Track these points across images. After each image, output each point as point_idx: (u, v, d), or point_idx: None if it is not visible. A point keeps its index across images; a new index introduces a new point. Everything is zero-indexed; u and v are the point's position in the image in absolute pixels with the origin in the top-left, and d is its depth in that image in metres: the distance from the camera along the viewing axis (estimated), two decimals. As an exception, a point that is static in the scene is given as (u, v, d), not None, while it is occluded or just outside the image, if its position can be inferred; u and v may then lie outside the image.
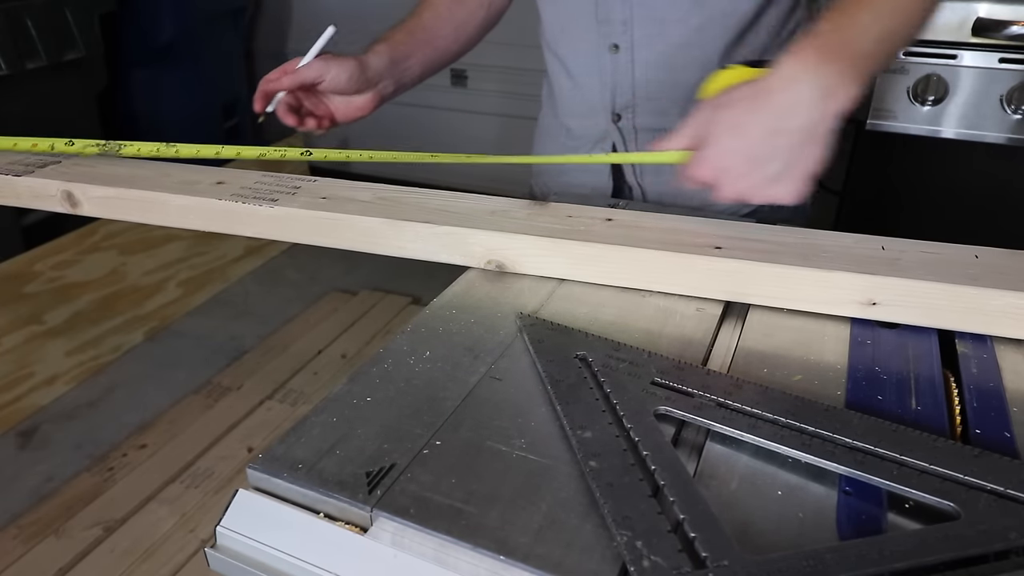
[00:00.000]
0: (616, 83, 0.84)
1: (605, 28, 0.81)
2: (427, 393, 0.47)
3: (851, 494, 0.40)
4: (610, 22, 0.81)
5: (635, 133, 0.86)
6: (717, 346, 0.53)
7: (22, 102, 1.89)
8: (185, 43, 2.33)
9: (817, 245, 0.57)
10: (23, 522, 1.48)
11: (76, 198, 0.71)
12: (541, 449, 0.42)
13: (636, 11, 0.79)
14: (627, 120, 0.86)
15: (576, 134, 0.91)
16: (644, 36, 0.80)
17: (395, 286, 2.32)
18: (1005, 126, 1.41)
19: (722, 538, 0.35)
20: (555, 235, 0.59)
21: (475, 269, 0.62)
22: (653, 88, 0.83)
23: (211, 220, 0.67)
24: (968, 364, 0.50)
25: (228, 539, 0.40)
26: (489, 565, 0.36)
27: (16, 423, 1.75)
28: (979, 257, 0.55)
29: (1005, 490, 0.38)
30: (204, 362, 1.98)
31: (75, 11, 1.99)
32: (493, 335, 0.53)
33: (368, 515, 0.38)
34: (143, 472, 1.61)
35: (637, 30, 0.80)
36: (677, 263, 0.57)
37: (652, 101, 0.84)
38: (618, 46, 0.81)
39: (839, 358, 0.51)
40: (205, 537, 1.44)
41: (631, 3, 0.79)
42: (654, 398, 0.45)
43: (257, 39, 2.92)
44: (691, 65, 0.80)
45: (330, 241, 0.64)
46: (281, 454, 0.41)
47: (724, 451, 0.43)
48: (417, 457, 0.41)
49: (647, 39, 0.80)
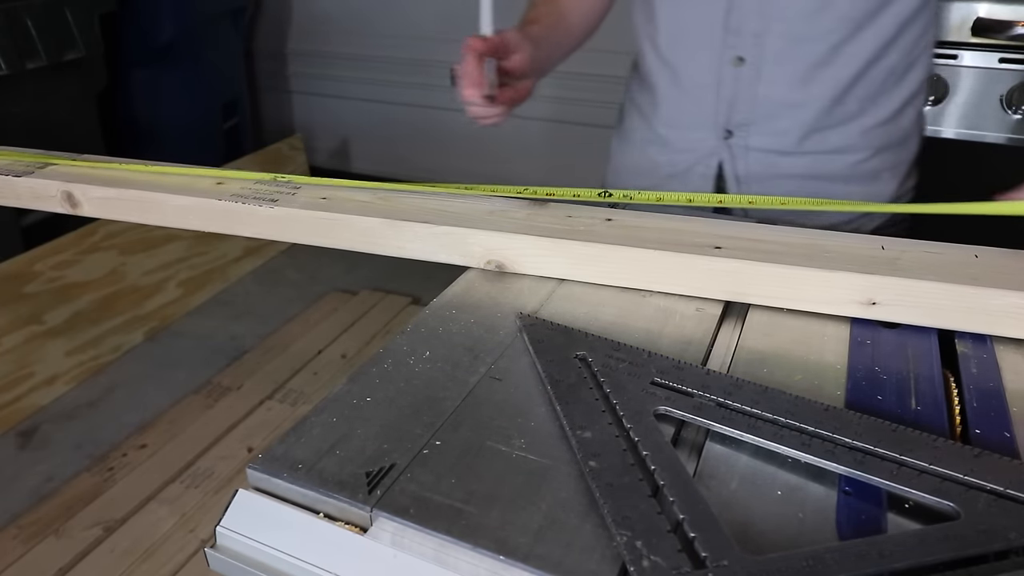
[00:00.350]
0: (735, 98, 0.80)
1: (733, 39, 0.77)
2: (427, 393, 0.47)
3: (851, 494, 0.40)
4: (740, 33, 0.77)
5: (746, 152, 0.82)
6: (717, 346, 0.53)
7: (22, 102, 1.89)
8: (185, 43, 2.33)
9: (817, 245, 0.57)
10: (23, 522, 1.48)
11: (76, 199, 0.71)
12: (541, 449, 0.42)
13: (773, 25, 0.75)
14: (740, 138, 0.81)
15: (676, 147, 0.86)
16: (776, 52, 0.76)
17: (395, 286, 2.32)
18: (1005, 126, 1.41)
19: (722, 538, 0.35)
20: (555, 235, 0.59)
21: (475, 269, 0.62)
22: (776, 107, 0.79)
23: (211, 220, 0.67)
24: (968, 364, 0.50)
25: (228, 539, 0.40)
26: (489, 565, 0.36)
27: (16, 423, 1.76)
28: (979, 257, 0.55)
29: (1005, 490, 0.38)
30: (204, 362, 1.98)
31: (75, 11, 1.99)
32: (493, 335, 0.53)
33: (368, 515, 0.38)
34: (143, 472, 1.61)
35: (769, 44, 0.76)
36: (677, 263, 0.57)
37: (772, 120, 0.80)
38: (743, 59, 0.77)
39: (839, 358, 0.51)
40: (205, 537, 1.44)
41: (768, 16, 0.75)
42: (654, 398, 0.45)
43: (257, 39, 2.92)
44: (821, 87, 0.77)
45: (330, 241, 0.64)
46: (281, 454, 0.41)
47: (724, 451, 0.43)
48: (417, 457, 0.41)
49: (778, 55, 0.76)
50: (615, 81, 2.47)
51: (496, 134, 2.62)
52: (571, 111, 2.46)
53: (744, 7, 0.76)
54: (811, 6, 0.74)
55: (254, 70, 2.95)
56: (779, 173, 0.82)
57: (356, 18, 2.71)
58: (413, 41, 2.62)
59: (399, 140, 2.84)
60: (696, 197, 0.65)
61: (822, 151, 0.80)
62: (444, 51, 2.59)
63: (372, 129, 2.87)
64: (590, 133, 2.47)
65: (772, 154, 0.81)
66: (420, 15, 2.58)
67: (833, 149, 0.80)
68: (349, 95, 2.84)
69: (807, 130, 0.79)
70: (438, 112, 2.71)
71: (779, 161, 0.81)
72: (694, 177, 0.86)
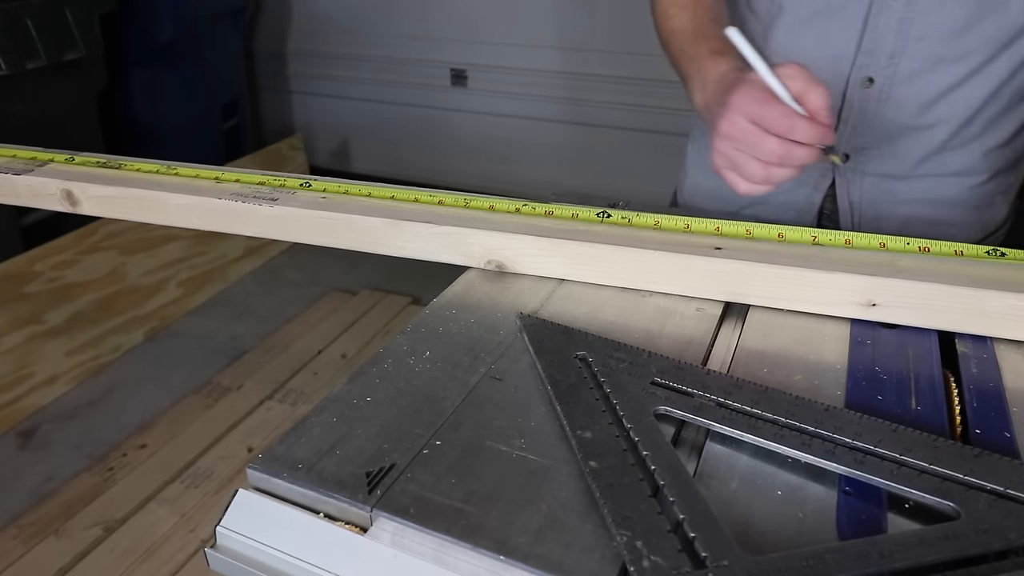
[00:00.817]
0: (859, 121, 0.75)
1: (865, 59, 0.73)
2: (427, 393, 0.47)
3: (851, 494, 0.40)
4: (874, 53, 0.72)
5: (862, 177, 0.78)
6: (717, 346, 0.53)
7: (22, 102, 1.89)
8: (185, 43, 2.33)
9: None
10: (23, 522, 1.48)
11: (76, 197, 0.71)
12: (541, 449, 0.42)
13: (911, 46, 0.71)
14: (857, 163, 0.77)
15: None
16: (910, 72, 0.72)
17: (395, 286, 2.32)
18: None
19: (722, 538, 0.35)
20: (555, 235, 0.59)
21: (475, 269, 0.62)
22: (900, 130, 0.75)
23: (211, 219, 0.67)
24: (968, 364, 0.50)
25: (228, 539, 0.40)
26: (489, 565, 0.36)
27: (16, 423, 1.75)
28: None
29: (1005, 490, 0.38)
30: (204, 362, 1.98)
31: (75, 11, 1.99)
32: (493, 335, 0.53)
33: (368, 515, 0.38)
34: (143, 472, 1.61)
35: (904, 65, 0.72)
36: (677, 263, 0.57)
37: (893, 144, 0.76)
38: (873, 80, 0.73)
39: (839, 358, 0.51)
40: (205, 537, 1.44)
41: (907, 36, 0.70)
42: (654, 398, 0.45)
43: (257, 39, 2.92)
44: (952, 108, 0.73)
45: (330, 241, 0.64)
46: (281, 454, 0.41)
47: (724, 451, 0.43)
48: (417, 457, 0.41)
49: (912, 76, 0.72)
50: (616, 81, 2.47)
51: (496, 135, 2.63)
52: (572, 111, 2.46)
53: (882, 26, 0.71)
54: (956, 26, 0.69)
55: (254, 70, 2.95)
56: (894, 199, 0.79)
57: (356, 18, 2.71)
58: (413, 41, 2.62)
59: (399, 140, 2.84)
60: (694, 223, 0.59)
61: (942, 174, 0.77)
62: (444, 51, 2.60)
63: (372, 129, 2.88)
64: (591, 133, 2.48)
65: (888, 179, 0.78)
66: (420, 15, 2.58)
67: (953, 172, 0.77)
68: (349, 95, 2.84)
69: (929, 152, 0.76)
70: (438, 112, 2.71)
71: (895, 187, 0.78)
72: (798, 199, 0.81)
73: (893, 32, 0.71)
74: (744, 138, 0.57)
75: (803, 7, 0.75)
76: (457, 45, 2.56)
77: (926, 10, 0.69)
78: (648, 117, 2.33)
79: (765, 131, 0.56)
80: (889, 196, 0.79)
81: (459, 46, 2.56)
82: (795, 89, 0.56)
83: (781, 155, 0.56)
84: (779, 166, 0.57)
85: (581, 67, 2.40)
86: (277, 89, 2.98)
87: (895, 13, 0.70)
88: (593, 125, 2.46)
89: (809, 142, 0.56)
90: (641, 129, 2.36)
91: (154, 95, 2.39)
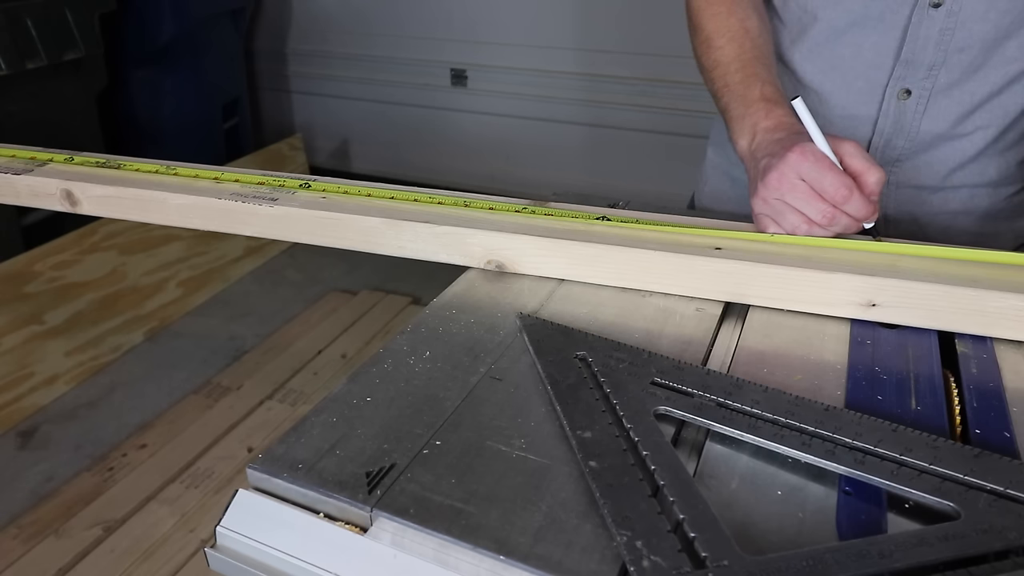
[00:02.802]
0: (894, 133, 0.74)
1: (903, 71, 0.71)
2: (427, 393, 0.47)
3: (851, 494, 0.40)
4: (913, 64, 0.71)
5: (895, 189, 0.77)
6: (717, 346, 0.53)
7: (22, 102, 1.89)
8: (185, 43, 2.33)
9: (816, 247, 0.57)
10: (23, 522, 1.47)
11: (75, 197, 0.71)
12: (541, 449, 0.42)
13: (951, 57, 0.69)
14: (890, 174, 0.75)
15: None
16: (948, 83, 0.71)
17: (395, 286, 2.32)
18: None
19: (722, 538, 0.35)
20: (555, 235, 0.59)
21: (475, 269, 0.62)
22: (936, 140, 0.74)
23: (211, 219, 0.67)
24: (968, 364, 0.50)
25: (228, 539, 0.40)
26: (489, 565, 0.36)
27: (16, 423, 1.75)
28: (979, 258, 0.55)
29: (1005, 490, 0.38)
30: (204, 362, 1.98)
31: (75, 11, 1.99)
32: (493, 335, 0.53)
33: (368, 515, 0.38)
34: (143, 472, 1.61)
35: (943, 76, 0.70)
36: (677, 264, 0.57)
37: (926, 154, 0.75)
38: (910, 92, 0.72)
39: (839, 358, 0.51)
40: (205, 537, 1.44)
41: (947, 46, 0.69)
42: (654, 398, 0.45)
43: (257, 39, 2.92)
44: (989, 116, 0.72)
45: (330, 241, 0.64)
46: (281, 454, 0.41)
47: (724, 451, 0.43)
48: (417, 457, 0.41)
49: (951, 86, 0.71)
50: (618, 81, 2.47)
51: (496, 135, 2.63)
52: (572, 111, 2.46)
53: (922, 37, 0.70)
54: (997, 35, 0.68)
55: (254, 70, 2.95)
56: (930, 211, 0.77)
57: (356, 18, 2.71)
58: (413, 41, 2.62)
59: (399, 140, 2.84)
60: (694, 223, 0.61)
61: (977, 184, 0.76)
62: (444, 51, 2.60)
63: (372, 129, 2.88)
64: (591, 133, 2.48)
65: (923, 191, 0.77)
66: (420, 15, 2.58)
67: (988, 182, 0.76)
68: (349, 95, 2.84)
69: (964, 162, 0.75)
70: (438, 112, 2.71)
71: (930, 199, 0.77)
72: None
73: (933, 43, 0.69)
74: (794, 193, 0.58)
75: (839, 17, 0.73)
76: (457, 45, 2.56)
77: (968, 20, 0.68)
78: (650, 117, 2.33)
79: (819, 194, 0.57)
80: (924, 208, 0.77)
81: (459, 46, 2.56)
82: (855, 166, 0.58)
83: (829, 219, 0.57)
84: (820, 227, 0.58)
85: (582, 67, 2.39)
86: (277, 89, 2.98)
87: (936, 24, 0.68)
88: (593, 125, 2.46)
89: (857, 217, 0.57)
90: (642, 129, 2.36)
91: (154, 95, 2.39)
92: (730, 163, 0.86)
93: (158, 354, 2.03)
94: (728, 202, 0.88)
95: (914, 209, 0.78)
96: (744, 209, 0.80)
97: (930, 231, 0.78)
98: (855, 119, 0.75)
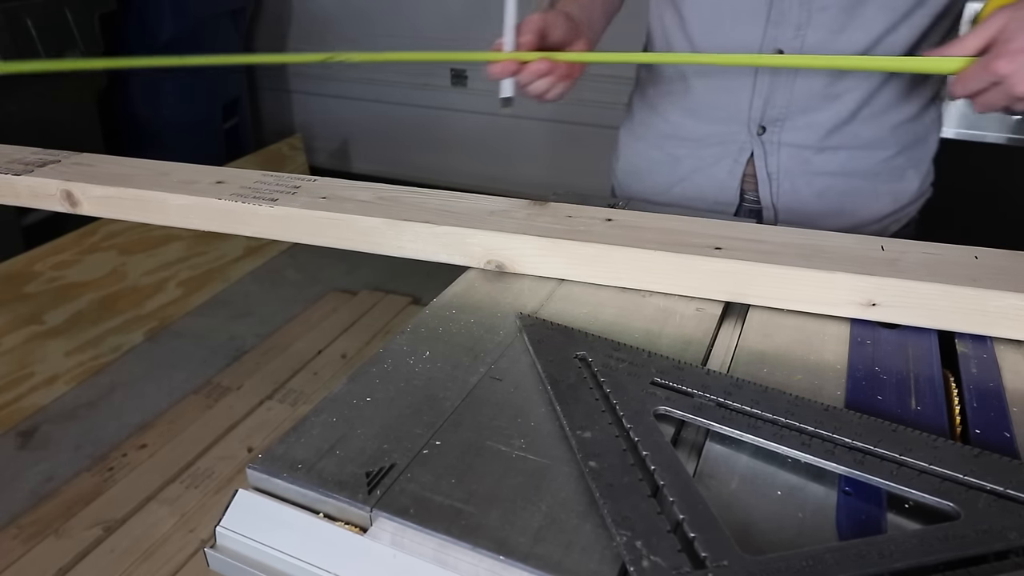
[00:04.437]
0: (772, 92, 0.78)
1: (774, 31, 0.75)
2: (427, 393, 0.47)
3: (851, 494, 0.40)
4: (782, 24, 0.75)
5: (778, 148, 0.81)
6: (717, 346, 0.53)
7: (22, 102, 1.89)
8: (185, 43, 2.34)
9: (816, 246, 0.57)
10: (23, 522, 1.48)
11: (75, 197, 0.71)
12: (541, 449, 0.42)
13: (815, 16, 0.73)
14: (773, 133, 0.80)
15: (703, 141, 0.84)
16: (816, 43, 0.74)
17: (395, 286, 2.32)
18: (1005, 126, 1.41)
19: (722, 538, 0.35)
20: (555, 235, 0.59)
21: (475, 269, 0.62)
22: (813, 102, 0.78)
23: (211, 220, 0.67)
24: (968, 364, 0.50)
25: (228, 539, 0.40)
26: (489, 565, 0.36)
27: (16, 423, 1.76)
28: (979, 258, 0.55)
29: (1005, 490, 0.38)
30: (204, 362, 1.98)
31: (75, 11, 1.99)
32: (493, 335, 0.53)
33: (368, 515, 0.38)
34: (143, 472, 1.61)
35: (810, 36, 0.74)
36: (677, 263, 0.57)
37: (807, 115, 0.78)
38: (782, 51, 0.76)
39: (839, 358, 0.51)
40: (205, 537, 1.44)
41: (810, 6, 0.73)
42: (654, 398, 0.45)
43: (257, 39, 2.92)
44: (858, 78, 0.75)
45: (330, 241, 0.64)
46: (281, 454, 0.41)
47: (724, 451, 0.43)
48: (417, 457, 0.41)
49: (819, 47, 0.74)
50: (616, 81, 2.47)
51: (497, 134, 2.63)
52: (572, 111, 2.46)
53: None
54: None
55: (254, 70, 2.95)
56: (811, 170, 0.81)
57: (356, 18, 2.71)
58: (413, 41, 2.62)
59: (399, 140, 2.84)
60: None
61: (853, 146, 0.80)
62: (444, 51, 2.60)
63: (372, 129, 2.88)
64: (592, 133, 2.48)
65: (806, 150, 0.80)
66: (420, 15, 2.58)
67: (864, 144, 0.80)
68: (349, 95, 2.84)
69: (840, 123, 0.78)
70: (438, 112, 2.71)
71: (812, 158, 0.81)
72: (720, 172, 0.84)
73: (798, 3, 0.74)
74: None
75: None
76: (457, 45, 2.56)
77: None
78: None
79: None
80: (806, 167, 0.82)
81: (459, 46, 2.56)
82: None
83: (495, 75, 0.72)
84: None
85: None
86: (277, 89, 2.98)
87: None
88: (594, 125, 2.46)
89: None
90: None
91: (154, 95, 2.39)
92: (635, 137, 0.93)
93: (158, 354, 2.03)
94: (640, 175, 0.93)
95: (797, 167, 0.82)
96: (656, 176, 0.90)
97: (812, 189, 0.82)
98: (739, 81, 0.80)
